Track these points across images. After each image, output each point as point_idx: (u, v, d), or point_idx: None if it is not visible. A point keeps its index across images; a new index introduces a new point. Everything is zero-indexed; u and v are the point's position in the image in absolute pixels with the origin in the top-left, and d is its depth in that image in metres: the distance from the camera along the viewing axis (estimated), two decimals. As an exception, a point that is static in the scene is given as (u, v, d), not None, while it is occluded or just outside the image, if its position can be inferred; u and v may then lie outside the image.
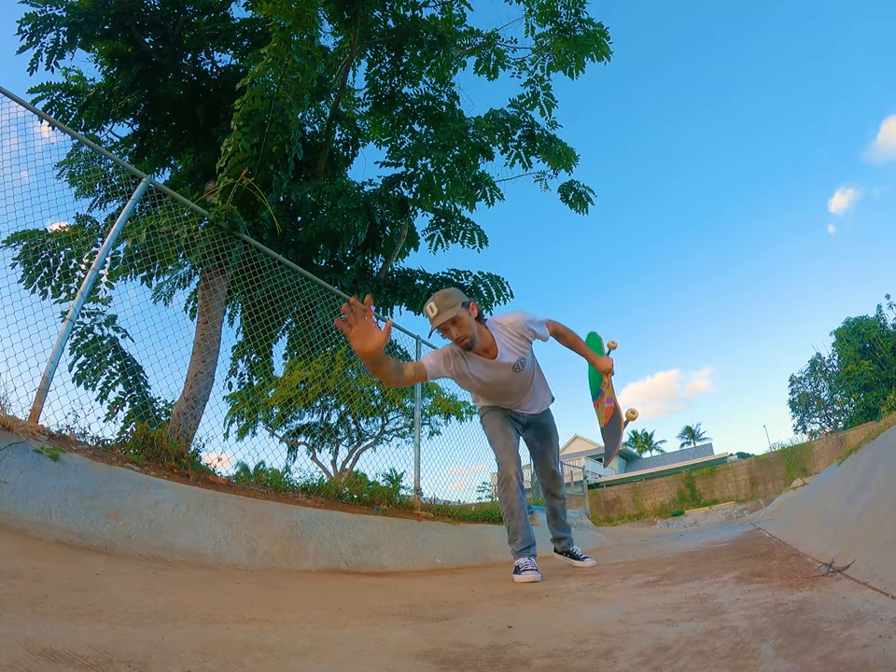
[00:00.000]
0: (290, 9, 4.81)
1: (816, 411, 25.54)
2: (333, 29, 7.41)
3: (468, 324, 2.35)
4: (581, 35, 7.52)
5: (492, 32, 7.97)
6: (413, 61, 7.52)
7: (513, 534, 2.58)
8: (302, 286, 4.97)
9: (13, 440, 2.13)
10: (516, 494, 2.57)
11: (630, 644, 0.97)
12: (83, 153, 5.38)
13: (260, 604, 1.56)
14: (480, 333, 2.43)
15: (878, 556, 1.20)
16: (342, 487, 4.42)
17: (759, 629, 0.94)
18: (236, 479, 3.77)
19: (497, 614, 1.42)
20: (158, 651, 0.87)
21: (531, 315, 2.58)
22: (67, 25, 5.64)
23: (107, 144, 6.63)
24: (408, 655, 0.99)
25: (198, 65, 6.61)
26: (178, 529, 2.43)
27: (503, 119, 7.26)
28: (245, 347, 6.13)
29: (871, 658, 0.71)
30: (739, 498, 22.68)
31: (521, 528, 2.56)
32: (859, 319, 24.00)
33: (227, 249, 4.58)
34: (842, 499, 2.25)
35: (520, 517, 2.56)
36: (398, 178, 6.89)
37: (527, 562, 2.46)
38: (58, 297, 4.54)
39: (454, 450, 6.39)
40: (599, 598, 1.63)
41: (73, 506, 2.12)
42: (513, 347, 2.51)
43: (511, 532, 2.59)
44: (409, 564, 3.46)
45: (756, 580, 1.53)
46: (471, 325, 2.37)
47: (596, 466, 34.12)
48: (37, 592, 1.16)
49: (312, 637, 1.12)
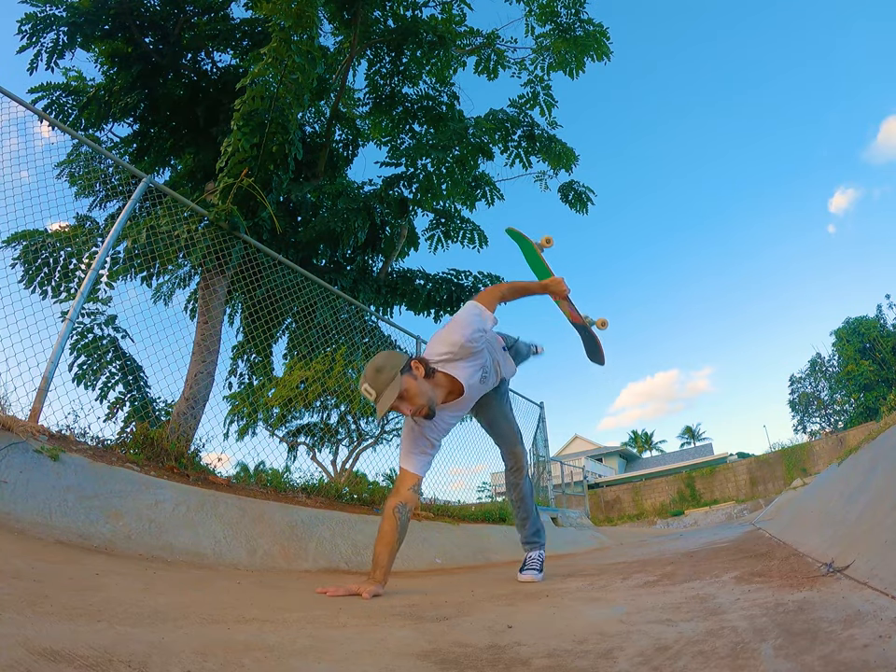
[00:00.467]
0: (290, 9, 4.82)
1: (816, 411, 25.57)
2: (333, 29, 7.42)
3: (417, 392, 1.94)
4: (581, 35, 7.52)
5: (492, 32, 7.98)
6: (413, 61, 7.52)
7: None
8: (302, 286, 4.98)
9: (13, 440, 2.13)
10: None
11: (630, 644, 0.97)
12: (83, 153, 5.39)
13: (260, 604, 1.56)
14: (437, 387, 2.05)
15: (878, 556, 1.20)
16: (342, 487, 4.42)
17: (759, 629, 0.94)
18: (236, 479, 3.77)
19: (497, 614, 1.42)
20: (158, 650, 0.87)
21: (467, 319, 2.13)
22: (67, 25, 5.64)
23: (107, 144, 6.63)
24: (408, 655, 0.99)
25: (198, 65, 6.61)
26: (178, 529, 2.43)
27: (503, 119, 7.27)
28: (245, 347, 6.14)
29: (871, 658, 0.71)
30: (739, 498, 22.70)
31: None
32: (859, 319, 24.04)
33: (227, 249, 4.58)
34: (842, 499, 2.25)
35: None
36: (398, 178, 6.89)
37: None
38: (58, 297, 4.54)
39: (453, 450, 6.39)
40: (599, 598, 1.63)
41: (73, 506, 2.12)
42: (473, 365, 2.15)
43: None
44: (409, 564, 3.46)
45: (756, 580, 1.53)
46: (423, 391, 1.96)
47: (596, 466, 34.14)
48: (37, 592, 1.16)
49: (312, 637, 1.12)
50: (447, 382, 2.09)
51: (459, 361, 2.09)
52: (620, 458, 39.41)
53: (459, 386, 2.12)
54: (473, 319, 2.12)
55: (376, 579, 1.90)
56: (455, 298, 7.19)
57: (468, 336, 2.06)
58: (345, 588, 1.85)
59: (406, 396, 1.91)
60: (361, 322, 6.24)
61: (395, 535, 1.96)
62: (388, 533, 1.96)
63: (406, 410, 1.94)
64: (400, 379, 1.89)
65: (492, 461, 7.44)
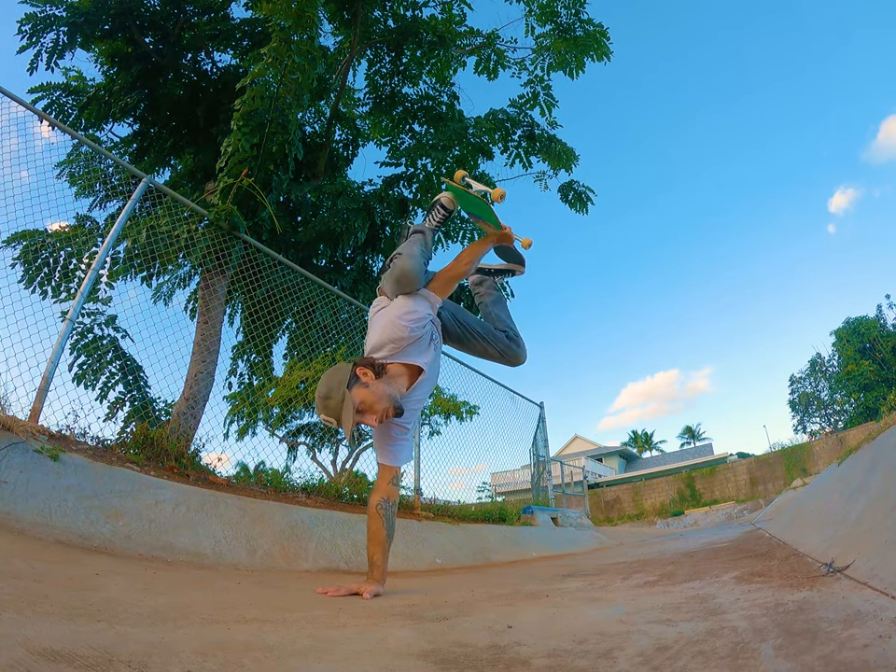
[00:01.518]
0: (290, 9, 4.82)
1: (816, 411, 25.58)
2: (333, 29, 7.42)
3: (374, 398, 1.81)
4: (581, 35, 7.53)
5: (492, 32, 7.98)
6: (413, 61, 7.53)
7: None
8: (302, 286, 4.98)
9: (13, 439, 2.13)
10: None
11: (630, 644, 0.97)
12: (83, 153, 5.40)
13: (260, 604, 1.56)
14: (395, 378, 1.94)
15: (878, 556, 1.20)
16: (342, 487, 4.42)
17: (759, 629, 0.94)
18: (236, 479, 3.77)
19: (497, 614, 1.42)
20: (158, 650, 0.87)
21: (406, 313, 1.98)
22: (67, 25, 5.65)
23: (107, 144, 6.64)
24: (408, 655, 0.99)
25: (198, 65, 6.62)
26: (178, 529, 2.43)
27: (503, 119, 7.28)
28: (245, 347, 6.14)
29: (871, 658, 0.71)
30: (739, 498, 22.70)
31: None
32: (859, 319, 24.05)
33: (227, 249, 4.58)
34: (842, 499, 2.25)
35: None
36: (398, 178, 6.90)
37: None
38: (58, 297, 4.54)
39: (454, 450, 6.40)
40: (599, 598, 1.63)
41: (73, 506, 2.12)
42: (423, 342, 2.04)
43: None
44: (409, 564, 3.46)
45: (756, 580, 1.53)
46: (380, 394, 1.82)
47: (596, 465, 34.13)
48: (37, 592, 1.16)
49: (312, 637, 1.12)
50: (404, 367, 1.99)
51: (408, 347, 1.99)
52: (620, 458, 39.40)
53: (416, 368, 2.02)
54: (415, 310, 2.00)
55: (375, 578, 1.89)
56: (455, 298, 7.19)
57: (410, 329, 1.95)
58: (346, 588, 1.84)
59: (364, 408, 1.80)
60: (361, 322, 6.24)
61: (383, 532, 1.95)
62: (376, 532, 1.95)
63: (371, 421, 1.81)
64: (350, 396, 1.77)
65: (492, 461, 7.44)
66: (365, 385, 1.82)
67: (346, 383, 1.80)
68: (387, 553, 1.98)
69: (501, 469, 10.69)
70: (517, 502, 9.02)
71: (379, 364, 1.91)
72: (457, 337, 2.32)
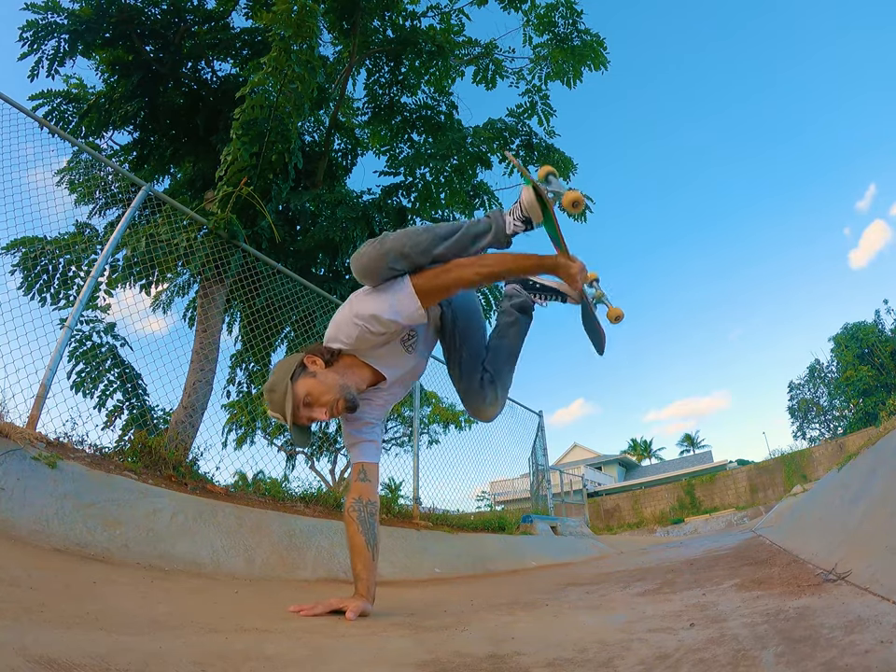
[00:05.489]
0: (290, 19, 4.86)
1: (815, 417, 25.58)
2: (332, 38, 7.48)
3: (322, 389, 1.58)
4: (579, 44, 7.59)
5: (490, 42, 8.04)
6: (412, 70, 7.59)
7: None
8: (301, 294, 4.98)
9: (11, 447, 2.12)
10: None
11: (631, 653, 0.96)
12: (83, 161, 5.42)
13: (259, 613, 1.55)
14: (349, 374, 1.65)
15: (879, 562, 1.20)
16: (340, 496, 4.40)
17: (760, 636, 0.94)
18: (234, 488, 3.75)
19: (497, 623, 1.42)
20: (155, 660, 0.86)
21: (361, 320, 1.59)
22: (68, 33, 5.68)
23: (107, 152, 6.67)
24: (407, 665, 0.98)
25: (198, 74, 6.66)
26: (176, 538, 2.42)
27: (501, 128, 7.32)
28: (244, 356, 6.13)
29: (872, 663, 0.71)
30: (739, 506, 22.61)
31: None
32: (857, 325, 24.12)
33: (226, 258, 4.59)
34: (842, 505, 2.25)
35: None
36: (396, 187, 6.93)
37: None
38: (57, 304, 4.55)
39: (452, 459, 6.38)
40: (599, 607, 1.63)
41: (70, 514, 2.11)
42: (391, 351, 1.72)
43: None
44: (408, 573, 3.43)
45: (757, 587, 1.52)
46: (329, 384, 1.59)
47: (595, 474, 34.03)
48: (34, 600, 1.15)
49: (310, 646, 1.11)
50: (361, 365, 1.70)
51: (368, 351, 1.68)
52: (619, 466, 39.27)
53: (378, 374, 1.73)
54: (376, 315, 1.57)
55: (360, 593, 1.61)
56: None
57: (363, 330, 1.60)
58: (324, 605, 1.56)
59: (311, 400, 1.57)
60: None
61: (360, 538, 1.66)
62: (352, 538, 1.68)
63: (321, 415, 1.58)
64: (291, 387, 1.57)
65: (491, 470, 7.43)
66: (312, 374, 1.60)
67: (291, 374, 1.59)
68: (372, 563, 1.67)
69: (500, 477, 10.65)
70: (516, 511, 8.98)
71: (331, 350, 1.66)
72: (446, 348, 1.93)
